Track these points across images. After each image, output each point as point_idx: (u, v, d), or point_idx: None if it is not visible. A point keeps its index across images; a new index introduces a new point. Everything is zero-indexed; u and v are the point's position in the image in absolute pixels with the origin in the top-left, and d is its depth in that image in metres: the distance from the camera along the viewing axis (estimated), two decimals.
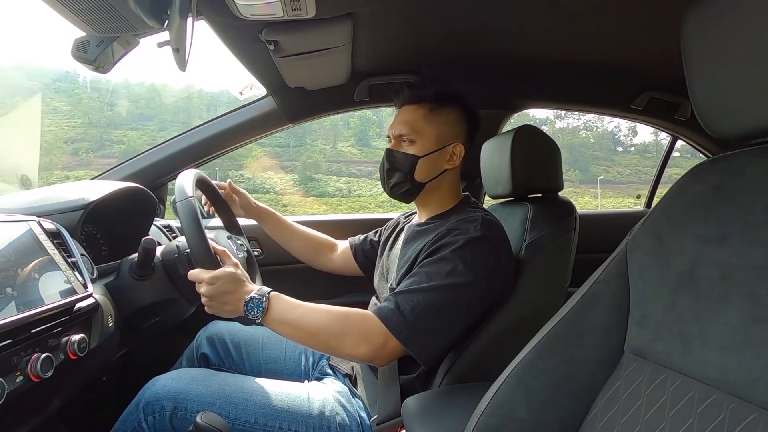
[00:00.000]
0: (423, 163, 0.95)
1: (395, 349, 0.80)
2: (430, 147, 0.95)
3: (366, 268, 1.22)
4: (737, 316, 0.43)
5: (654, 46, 1.20)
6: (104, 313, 0.79)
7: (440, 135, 0.95)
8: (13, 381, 0.58)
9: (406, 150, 0.96)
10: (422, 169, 0.95)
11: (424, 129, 0.95)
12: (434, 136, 0.95)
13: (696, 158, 2.14)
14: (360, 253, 1.22)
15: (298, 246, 1.26)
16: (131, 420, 0.83)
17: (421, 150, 0.95)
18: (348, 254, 1.25)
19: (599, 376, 0.55)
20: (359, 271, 1.24)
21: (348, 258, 1.25)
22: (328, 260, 1.27)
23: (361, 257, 1.22)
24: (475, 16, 1.07)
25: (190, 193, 0.84)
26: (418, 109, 0.96)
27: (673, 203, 0.53)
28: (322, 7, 0.85)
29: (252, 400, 0.86)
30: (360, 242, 1.24)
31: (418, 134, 0.95)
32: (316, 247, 1.27)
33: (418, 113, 0.95)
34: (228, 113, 1.47)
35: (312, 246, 1.27)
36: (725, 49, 0.46)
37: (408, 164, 0.95)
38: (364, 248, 1.22)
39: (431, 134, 0.95)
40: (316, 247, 1.28)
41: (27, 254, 0.68)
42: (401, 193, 0.98)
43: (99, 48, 0.89)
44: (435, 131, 0.95)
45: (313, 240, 1.28)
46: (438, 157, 0.96)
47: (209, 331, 1.15)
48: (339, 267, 1.27)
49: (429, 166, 0.95)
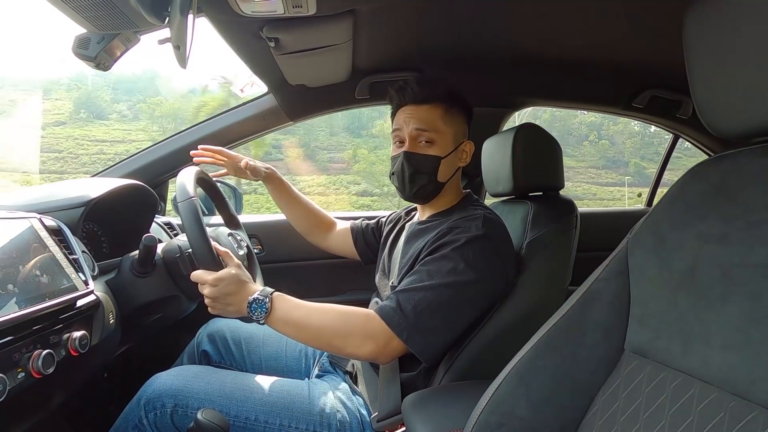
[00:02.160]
0: (444, 163, 0.94)
1: (398, 347, 0.80)
2: (449, 147, 0.94)
3: (364, 254, 1.22)
4: (738, 314, 0.43)
5: (656, 43, 1.20)
6: (105, 310, 0.79)
7: (455, 135, 0.95)
8: (14, 377, 0.58)
9: (425, 151, 0.94)
10: (444, 170, 0.95)
11: (443, 129, 0.94)
12: (451, 136, 0.95)
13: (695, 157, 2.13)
14: (360, 238, 1.22)
15: (298, 216, 1.25)
16: (132, 417, 0.84)
17: (442, 150, 0.94)
18: (347, 237, 1.24)
19: (599, 374, 0.55)
20: (355, 254, 1.23)
21: (347, 241, 1.24)
22: (324, 238, 1.27)
23: (361, 244, 1.22)
24: (477, 13, 1.07)
25: (192, 193, 0.84)
26: (434, 109, 0.94)
27: (674, 202, 0.53)
28: (323, 5, 0.85)
29: (252, 397, 0.86)
30: (362, 228, 1.23)
31: (438, 133, 0.93)
32: (316, 222, 1.27)
33: (435, 113, 0.93)
34: (229, 110, 1.48)
35: (312, 219, 1.26)
36: (727, 47, 0.46)
37: (433, 165, 0.93)
38: (366, 235, 1.22)
39: (449, 134, 0.94)
40: (317, 221, 1.27)
41: (28, 251, 0.68)
42: (425, 195, 0.97)
43: (100, 45, 0.89)
44: (451, 131, 0.95)
45: (315, 213, 1.27)
46: (455, 156, 0.96)
47: (210, 329, 1.15)
48: (334, 247, 1.26)
49: (448, 166, 0.95)
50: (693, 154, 1.92)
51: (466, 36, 1.19)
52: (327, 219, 1.29)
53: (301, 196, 1.26)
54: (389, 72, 1.36)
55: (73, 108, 21.33)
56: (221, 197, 1.13)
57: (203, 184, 1.05)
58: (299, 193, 1.26)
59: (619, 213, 2.12)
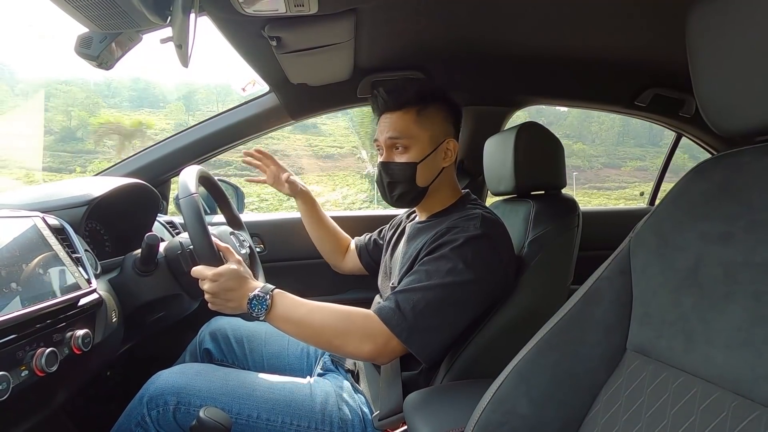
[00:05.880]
0: (422, 167, 0.94)
1: (397, 347, 0.80)
2: (425, 150, 0.93)
3: (370, 268, 1.23)
4: (741, 314, 0.43)
5: (659, 42, 1.19)
6: (108, 308, 0.80)
7: (433, 135, 0.94)
8: (18, 375, 0.59)
9: (400, 159, 0.94)
10: (422, 174, 0.94)
11: (417, 133, 0.92)
12: (428, 139, 0.93)
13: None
14: (364, 252, 1.24)
15: (323, 237, 1.28)
16: (135, 414, 0.84)
17: (418, 155, 0.93)
18: (354, 254, 1.26)
19: (601, 373, 0.55)
20: (363, 270, 1.25)
21: (355, 258, 1.26)
22: (341, 260, 1.30)
23: (366, 257, 1.23)
24: (479, 12, 1.07)
25: (194, 190, 0.84)
26: (406, 114, 0.93)
27: (676, 201, 0.53)
28: (324, 3, 0.85)
29: (255, 395, 0.86)
30: (364, 243, 1.25)
31: (411, 139, 0.93)
32: (337, 245, 1.30)
33: (408, 118, 0.93)
34: (230, 109, 1.48)
35: (335, 242, 1.30)
36: (730, 45, 0.46)
37: (408, 173, 0.93)
38: (369, 248, 1.23)
39: (424, 137, 0.93)
40: (338, 245, 1.30)
41: (31, 250, 0.68)
42: (407, 201, 0.97)
43: (102, 44, 0.89)
44: (428, 134, 0.93)
45: (338, 237, 1.30)
46: (435, 157, 0.95)
47: (212, 327, 1.15)
48: (349, 268, 1.29)
49: (428, 169, 0.95)
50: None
51: (467, 34, 1.19)
52: (346, 241, 1.31)
53: (328, 219, 1.29)
54: (391, 71, 1.36)
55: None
56: (223, 196, 1.13)
57: (206, 183, 1.05)
58: (327, 215, 1.29)
59: (622, 212, 2.11)
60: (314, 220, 1.27)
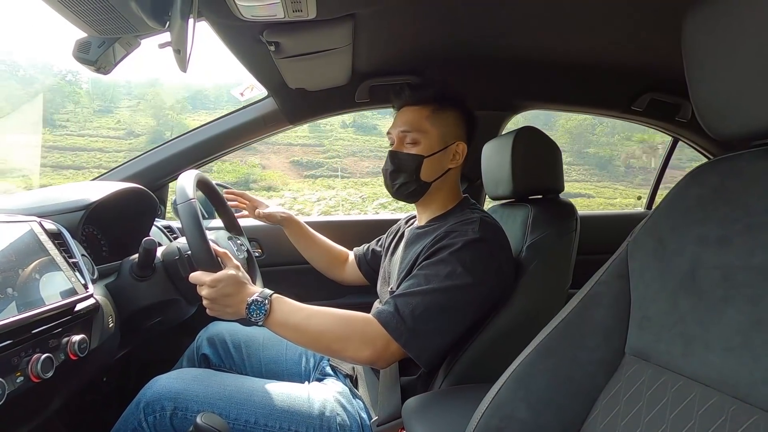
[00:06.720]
0: (428, 162, 0.95)
1: (396, 352, 0.80)
2: (434, 147, 0.95)
3: (370, 277, 1.23)
4: (738, 317, 0.43)
5: (655, 47, 1.20)
6: (105, 313, 0.79)
7: (443, 135, 0.96)
8: (13, 381, 0.58)
9: (409, 150, 0.96)
10: (428, 169, 0.95)
11: (428, 129, 0.95)
12: (438, 136, 0.95)
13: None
14: (363, 262, 1.24)
15: (317, 255, 1.30)
16: (132, 420, 0.83)
17: (426, 150, 0.95)
18: (354, 265, 1.26)
19: (600, 377, 0.55)
20: (364, 280, 1.25)
21: (355, 268, 1.26)
22: (341, 272, 1.30)
23: (365, 267, 1.23)
24: (476, 17, 1.07)
25: (191, 195, 0.84)
26: (421, 110, 0.96)
27: (674, 205, 0.53)
28: (323, 8, 0.86)
29: (252, 400, 0.86)
30: (363, 252, 1.25)
31: (422, 134, 0.95)
32: (332, 259, 1.30)
33: (422, 113, 0.96)
34: (229, 114, 1.48)
35: (329, 257, 1.30)
36: (726, 50, 0.46)
37: (414, 164, 0.95)
38: (367, 258, 1.23)
39: (435, 134, 0.95)
40: (333, 258, 1.30)
41: (28, 255, 0.68)
42: (407, 193, 0.98)
43: (100, 49, 0.89)
44: (438, 131, 0.95)
45: (331, 251, 1.31)
46: (442, 156, 0.96)
47: (210, 332, 1.15)
48: (349, 279, 1.29)
49: (434, 166, 0.96)
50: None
51: (465, 39, 1.20)
52: (343, 254, 1.32)
53: (318, 236, 1.30)
54: (389, 75, 1.37)
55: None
56: (221, 201, 1.13)
57: (203, 188, 1.05)
58: (315, 233, 1.30)
59: (619, 216, 2.12)
60: (304, 242, 1.28)
